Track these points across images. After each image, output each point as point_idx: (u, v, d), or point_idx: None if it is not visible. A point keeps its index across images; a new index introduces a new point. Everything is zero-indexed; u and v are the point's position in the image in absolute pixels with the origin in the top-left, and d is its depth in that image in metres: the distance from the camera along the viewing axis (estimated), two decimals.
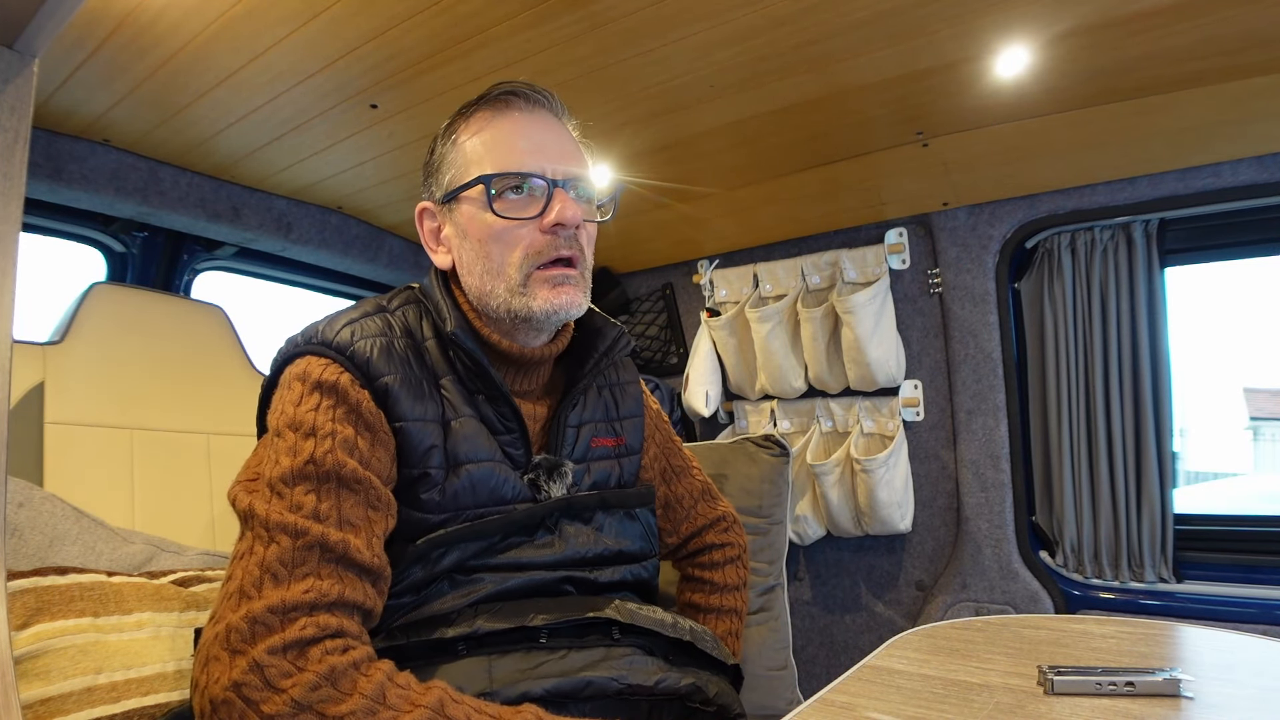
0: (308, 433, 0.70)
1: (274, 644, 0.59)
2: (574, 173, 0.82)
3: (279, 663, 0.58)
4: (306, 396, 0.73)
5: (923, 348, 1.99)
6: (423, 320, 0.85)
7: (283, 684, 0.57)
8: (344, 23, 1.18)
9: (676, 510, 1.06)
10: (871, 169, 1.74)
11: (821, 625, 2.16)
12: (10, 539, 0.91)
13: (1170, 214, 1.66)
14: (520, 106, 0.83)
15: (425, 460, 0.76)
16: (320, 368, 0.75)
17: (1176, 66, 1.29)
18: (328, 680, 0.58)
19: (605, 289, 2.48)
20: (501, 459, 0.81)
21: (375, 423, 0.74)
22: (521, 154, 0.80)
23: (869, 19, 1.18)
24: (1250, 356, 24.99)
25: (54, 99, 1.40)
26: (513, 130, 0.82)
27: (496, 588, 0.78)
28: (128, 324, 1.47)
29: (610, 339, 0.91)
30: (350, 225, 2.08)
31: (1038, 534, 1.88)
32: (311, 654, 0.60)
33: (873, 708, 0.65)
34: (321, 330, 0.78)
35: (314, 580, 0.63)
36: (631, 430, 0.97)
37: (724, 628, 1.04)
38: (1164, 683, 0.66)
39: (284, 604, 0.61)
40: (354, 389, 0.74)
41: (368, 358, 0.76)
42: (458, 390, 0.81)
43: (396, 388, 0.76)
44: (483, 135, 0.82)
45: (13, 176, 0.63)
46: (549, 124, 0.84)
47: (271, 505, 0.67)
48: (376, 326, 0.80)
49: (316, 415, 0.71)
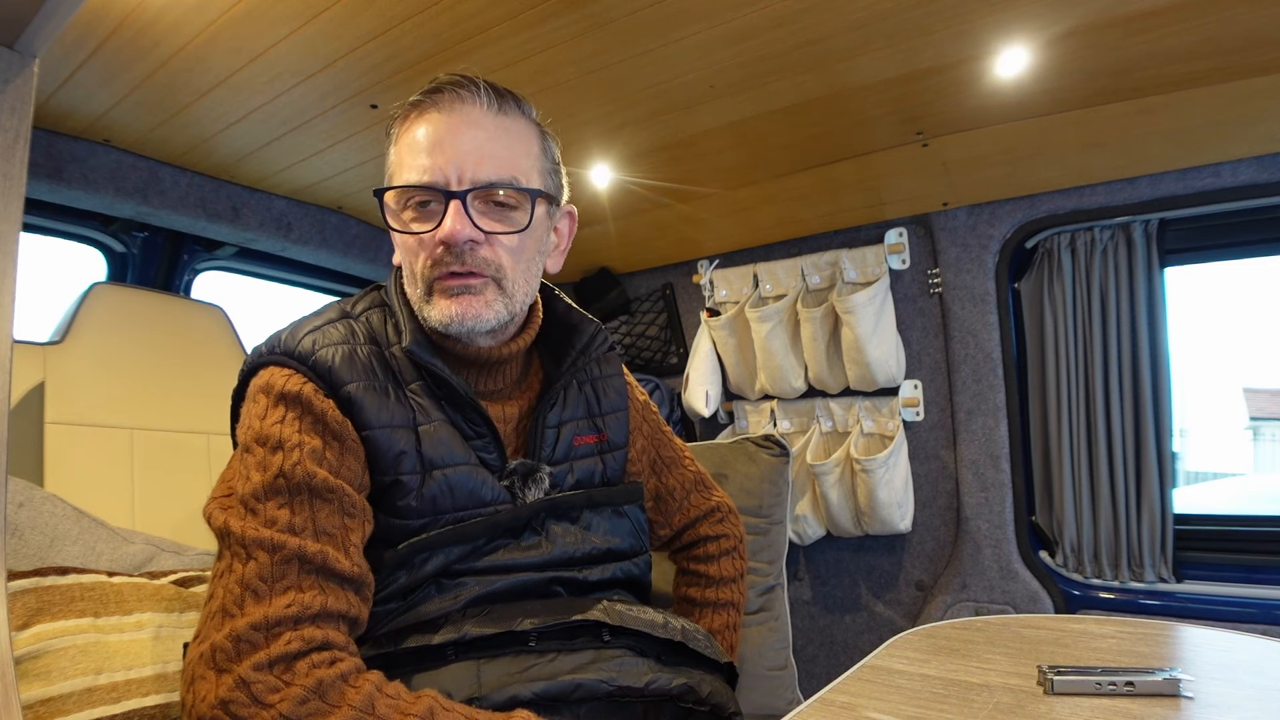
0: (275, 446, 0.70)
1: (259, 660, 0.59)
2: (485, 178, 0.76)
3: (266, 678, 0.58)
4: (271, 409, 0.73)
5: (923, 348, 1.99)
6: (387, 324, 0.84)
7: (270, 699, 0.57)
8: (344, 23, 1.18)
9: (668, 502, 1.05)
10: (871, 169, 1.74)
11: (821, 625, 2.16)
12: (10, 539, 0.91)
13: (1170, 214, 1.66)
14: (443, 105, 0.77)
15: (397, 466, 0.76)
16: (283, 378, 0.74)
17: (1176, 66, 1.29)
18: (315, 694, 0.58)
19: (605, 289, 2.48)
20: (476, 463, 0.81)
21: (342, 431, 0.74)
22: (422, 164, 0.76)
23: (869, 19, 1.18)
24: (1250, 356, 25.00)
25: (54, 99, 1.40)
26: (424, 135, 0.77)
27: (484, 590, 0.77)
28: (128, 324, 1.48)
29: (587, 336, 0.90)
30: (350, 225, 2.08)
31: (1038, 534, 1.88)
32: (298, 668, 0.59)
33: (873, 708, 0.65)
34: (284, 339, 0.77)
35: (295, 593, 0.63)
36: (615, 425, 0.95)
37: (721, 621, 1.03)
38: (1164, 683, 0.66)
39: (267, 620, 0.61)
40: (318, 398, 0.73)
41: (330, 366, 0.75)
42: (427, 395, 0.80)
43: (360, 395, 0.75)
44: (402, 139, 0.80)
45: (13, 176, 0.63)
46: (471, 122, 0.77)
47: (246, 522, 0.66)
48: (339, 334, 0.79)
49: (283, 428, 0.71)
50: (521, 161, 0.80)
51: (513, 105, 0.81)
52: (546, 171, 0.84)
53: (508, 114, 0.80)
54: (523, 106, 0.82)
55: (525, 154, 0.81)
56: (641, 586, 0.93)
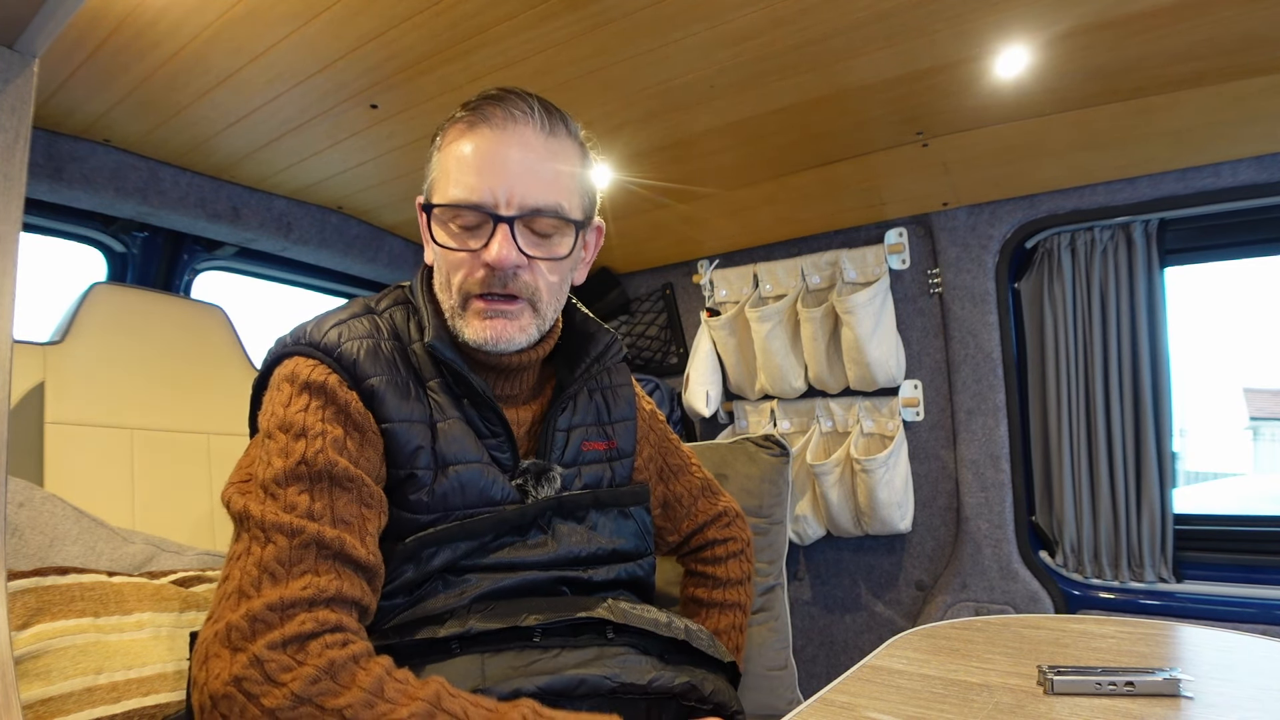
0: (298, 434, 0.71)
1: (274, 639, 0.59)
2: (533, 205, 0.77)
3: (279, 657, 0.59)
4: (296, 398, 0.74)
5: (923, 348, 1.99)
6: (410, 322, 0.85)
7: (283, 678, 0.58)
8: (344, 23, 1.18)
9: (676, 509, 1.07)
10: (871, 169, 1.74)
11: (821, 625, 2.16)
12: (11, 539, 0.91)
13: (1170, 214, 1.66)
14: (494, 122, 0.77)
15: (413, 461, 0.77)
16: (308, 368, 0.76)
17: (1176, 66, 1.29)
18: (327, 674, 0.59)
19: (605, 289, 2.48)
20: (489, 462, 0.82)
21: (364, 423, 0.75)
22: (470, 183, 0.76)
23: (869, 19, 1.18)
24: (1250, 356, 25.00)
25: (54, 99, 1.40)
26: (474, 152, 0.77)
27: (489, 587, 0.78)
28: (128, 324, 1.48)
29: (603, 345, 0.91)
30: (350, 225, 2.08)
31: (1038, 534, 1.88)
32: (311, 648, 0.60)
33: (873, 708, 0.65)
34: (309, 331, 0.79)
35: (311, 577, 0.64)
36: (623, 433, 0.97)
37: (727, 621, 1.04)
38: (1164, 683, 0.67)
39: (283, 601, 0.61)
40: (342, 389, 0.75)
41: (355, 359, 0.77)
42: (445, 393, 0.82)
43: (383, 389, 0.77)
44: (452, 150, 0.80)
45: (13, 176, 0.63)
46: (523, 143, 0.77)
47: (266, 506, 0.67)
48: (364, 328, 0.81)
49: (306, 416, 0.72)
50: (567, 186, 0.81)
51: (561, 126, 0.82)
52: (585, 192, 0.85)
53: (557, 136, 0.80)
54: (570, 126, 0.83)
55: (571, 178, 0.82)
56: (645, 588, 0.94)
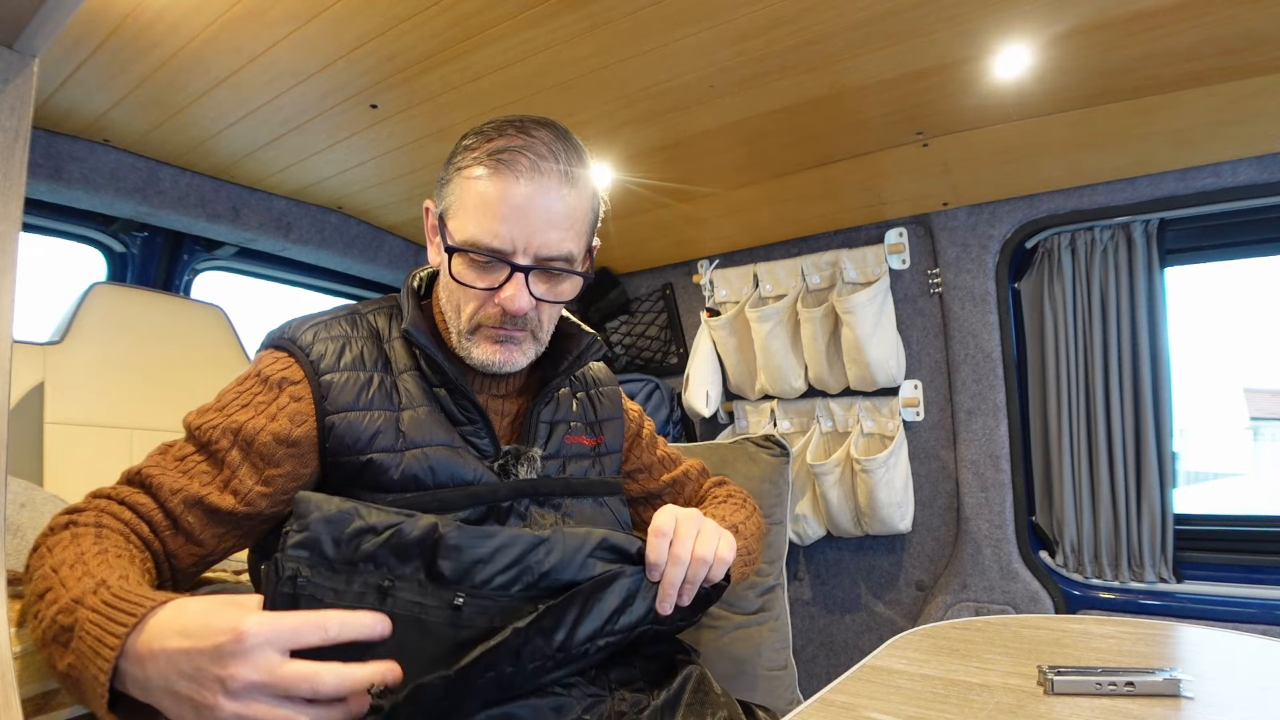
0: (221, 406, 0.80)
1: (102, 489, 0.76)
2: (548, 255, 0.80)
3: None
4: (247, 379, 0.82)
5: (923, 348, 1.99)
6: (392, 323, 0.89)
7: (64, 519, 0.70)
8: (344, 23, 1.18)
9: (685, 485, 1.09)
10: (871, 169, 1.74)
11: (821, 625, 2.16)
12: (11, 539, 0.91)
13: (1170, 214, 1.66)
14: (521, 173, 0.78)
15: (371, 444, 0.79)
16: (271, 359, 0.82)
17: (1176, 66, 1.29)
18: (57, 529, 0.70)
19: (605, 289, 2.48)
20: (461, 445, 0.83)
21: (287, 435, 0.78)
22: (494, 230, 0.78)
23: (869, 19, 1.18)
24: (1250, 356, 24.96)
25: (54, 99, 1.40)
26: (499, 199, 0.78)
27: None
28: (128, 324, 1.48)
29: (584, 344, 0.95)
30: (350, 225, 2.08)
31: (1038, 534, 1.88)
32: (100, 503, 0.72)
33: (873, 708, 0.65)
34: (293, 326, 0.85)
35: (170, 475, 0.75)
36: (611, 431, 1.00)
37: (722, 511, 1.02)
38: (1164, 683, 0.66)
39: (127, 473, 0.77)
40: (292, 389, 0.79)
41: (321, 355, 0.82)
42: (418, 384, 0.84)
43: (341, 381, 0.81)
44: (474, 186, 0.80)
45: (13, 176, 0.63)
46: (544, 192, 0.79)
47: (150, 459, 0.80)
48: (340, 329, 0.85)
49: (239, 396, 0.80)
50: (579, 231, 0.84)
51: (580, 170, 0.84)
52: (593, 225, 0.89)
53: (576, 184, 0.82)
54: (585, 161, 0.86)
55: (583, 222, 0.85)
56: None
